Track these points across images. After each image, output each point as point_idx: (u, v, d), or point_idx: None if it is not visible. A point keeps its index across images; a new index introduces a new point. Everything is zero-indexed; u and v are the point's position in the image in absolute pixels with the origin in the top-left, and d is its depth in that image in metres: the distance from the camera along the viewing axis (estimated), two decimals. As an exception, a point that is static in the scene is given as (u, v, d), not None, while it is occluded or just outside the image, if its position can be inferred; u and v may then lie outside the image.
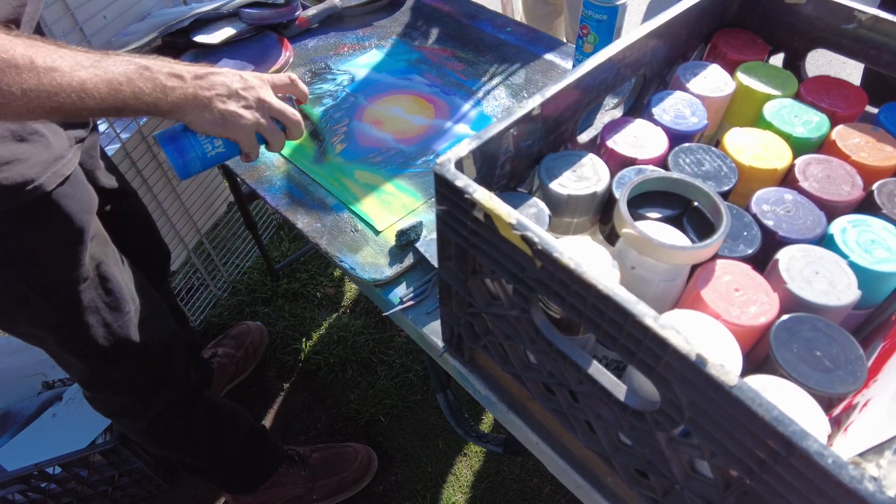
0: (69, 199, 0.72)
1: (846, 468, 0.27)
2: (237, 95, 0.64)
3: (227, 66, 0.96)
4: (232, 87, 0.63)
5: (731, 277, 0.43)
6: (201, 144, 0.65)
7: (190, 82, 0.61)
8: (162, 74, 0.59)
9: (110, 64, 0.55)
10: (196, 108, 0.61)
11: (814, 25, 0.62)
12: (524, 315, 0.43)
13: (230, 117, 0.63)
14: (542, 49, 1.01)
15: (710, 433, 0.33)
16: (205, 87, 0.61)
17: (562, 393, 0.47)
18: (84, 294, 0.77)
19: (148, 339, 0.87)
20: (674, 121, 0.56)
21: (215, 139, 0.65)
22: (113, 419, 0.99)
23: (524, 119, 0.46)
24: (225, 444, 1.06)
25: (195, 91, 0.61)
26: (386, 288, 0.68)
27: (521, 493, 1.25)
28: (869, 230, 0.46)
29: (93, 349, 0.81)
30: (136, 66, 0.57)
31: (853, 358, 0.39)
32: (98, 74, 0.54)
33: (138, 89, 0.57)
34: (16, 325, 0.79)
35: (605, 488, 0.50)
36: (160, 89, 0.58)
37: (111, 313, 0.81)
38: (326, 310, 1.58)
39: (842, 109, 0.58)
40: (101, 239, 0.80)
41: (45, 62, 0.51)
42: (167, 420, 0.95)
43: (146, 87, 0.57)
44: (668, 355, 0.32)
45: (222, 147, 0.66)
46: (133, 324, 0.85)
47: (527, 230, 0.37)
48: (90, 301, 0.78)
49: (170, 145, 0.64)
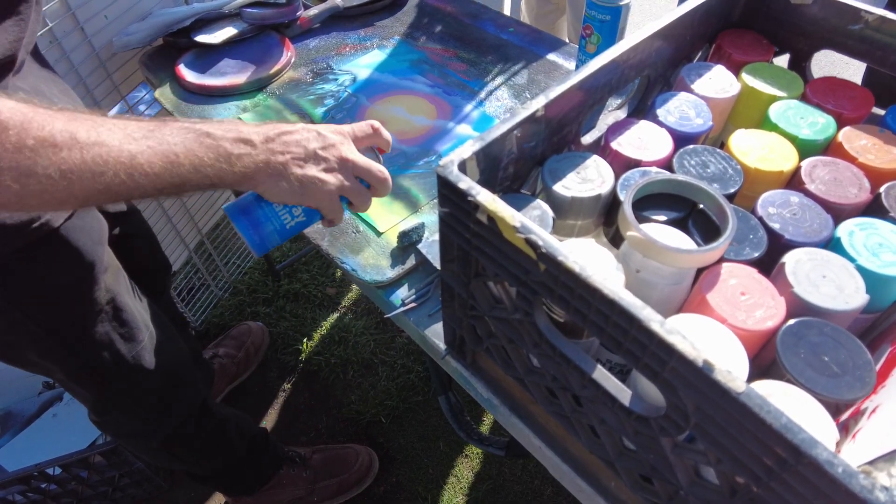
0: (79, 233, 0.70)
1: (856, 477, 0.27)
2: (316, 157, 0.54)
3: (228, 66, 0.96)
4: (309, 147, 0.54)
5: (737, 281, 0.43)
6: (278, 216, 0.57)
7: (260, 147, 0.52)
8: (227, 141, 0.51)
9: (166, 133, 0.48)
10: (270, 176, 0.53)
11: (820, 26, 0.61)
12: (527, 318, 0.42)
13: (310, 184, 0.54)
14: (544, 49, 1.00)
15: (716, 439, 0.33)
16: (278, 150, 0.53)
17: (565, 397, 0.46)
18: (98, 328, 0.75)
19: (161, 364, 0.85)
20: (678, 122, 0.56)
21: (294, 207, 0.57)
22: (122, 441, 0.98)
23: (528, 120, 0.46)
24: (232, 453, 1.06)
25: (267, 157, 0.52)
26: (387, 290, 0.68)
27: (522, 494, 1.24)
28: (877, 233, 0.45)
29: (104, 380, 0.79)
30: (196, 134, 0.50)
31: (861, 363, 0.38)
32: (151, 146, 0.47)
33: (198, 160, 0.49)
34: (23, 358, 0.76)
35: (609, 493, 0.50)
36: (224, 158, 0.50)
37: (125, 344, 0.80)
38: (328, 310, 1.57)
39: (848, 111, 0.57)
40: (113, 269, 0.78)
41: (90, 136, 0.44)
42: (178, 437, 0.94)
43: (208, 158, 0.50)
44: (675, 361, 0.32)
45: (302, 216, 0.58)
46: (147, 352, 0.83)
47: (531, 233, 0.36)
48: (103, 334, 0.76)
49: (242, 220, 0.56)
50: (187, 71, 0.95)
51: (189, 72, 0.95)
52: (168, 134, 0.48)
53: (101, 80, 1.04)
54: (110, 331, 0.77)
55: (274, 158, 0.53)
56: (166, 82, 0.97)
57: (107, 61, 1.03)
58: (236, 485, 1.13)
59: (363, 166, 0.56)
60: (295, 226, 0.58)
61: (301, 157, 0.54)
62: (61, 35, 0.93)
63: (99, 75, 1.03)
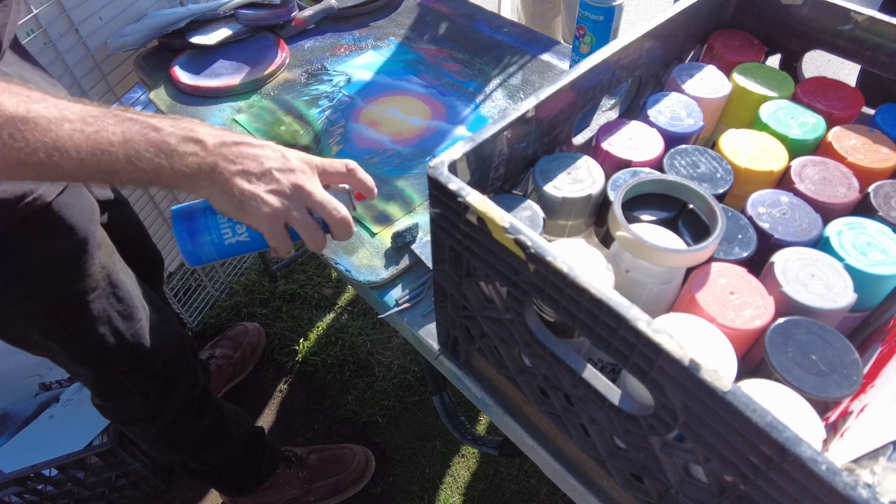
0: (71, 209, 0.71)
1: (840, 475, 0.27)
2: (268, 175, 0.51)
3: (223, 67, 0.96)
4: (265, 165, 0.52)
5: (726, 280, 0.43)
6: (220, 228, 0.54)
7: (211, 149, 0.50)
8: (174, 137, 0.49)
9: (108, 121, 0.47)
10: (213, 182, 0.50)
11: (810, 26, 0.62)
12: (518, 318, 0.43)
13: (251, 200, 0.51)
14: (539, 50, 1.00)
15: (704, 438, 0.33)
16: (230, 157, 0.51)
17: (556, 396, 0.46)
18: (95, 304, 0.76)
19: (160, 346, 0.86)
20: (669, 122, 0.56)
21: (238, 225, 0.55)
22: (124, 427, 0.99)
23: (518, 121, 0.46)
24: (231, 447, 1.07)
25: (215, 161, 0.50)
26: (381, 290, 0.68)
27: (518, 493, 1.25)
28: (865, 232, 0.46)
29: (105, 359, 0.80)
30: (142, 126, 0.48)
31: (848, 362, 0.38)
32: (83, 130, 0.45)
33: (135, 152, 0.47)
34: (24, 339, 0.77)
35: (601, 491, 0.50)
36: (166, 154, 0.48)
37: (123, 322, 0.80)
38: (324, 311, 1.57)
39: (838, 111, 0.57)
40: (107, 248, 0.79)
41: (17, 109, 0.43)
42: (178, 425, 0.95)
43: (147, 151, 0.48)
44: (662, 360, 0.32)
45: (246, 236, 0.55)
46: (145, 331, 0.84)
47: (520, 234, 0.36)
48: (101, 311, 0.77)
49: (182, 224, 0.54)
50: (182, 72, 0.95)
51: (184, 73, 0.95)
52: (111, 122, 0.47)
53: (97, 81, 1.04)
54: (108, 307, 0.77)
55: (223, 164, 0.50)
56: (161, 84, 0.97)
57: (102, 63, 1.03)
58: (233, 483, 1.14)
59: (318, 200, 0.53)
60: (235, 244, 0.55)
61: (254, 171, 0.51)
62: (56, 37, 0.93)
63: (94, 77, 1.03)
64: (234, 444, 1.07)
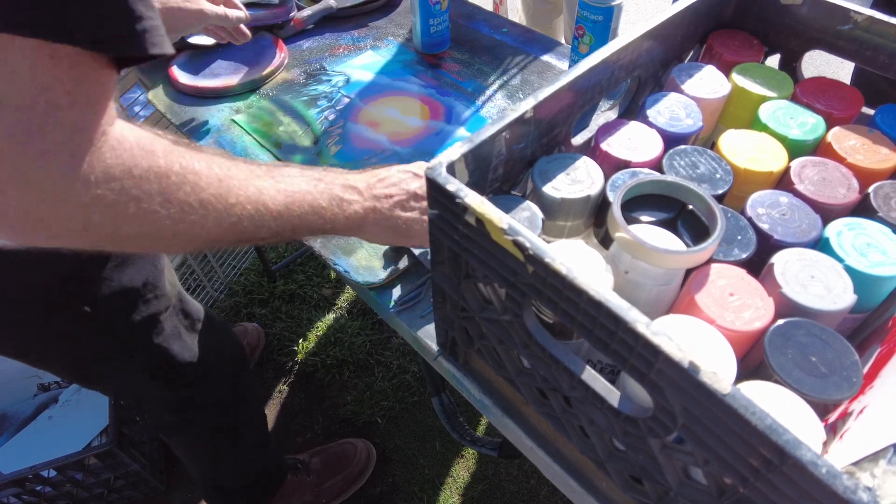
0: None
1: (840, 478, 0.27)
2: (416, 197, 0.56)
3: (221, 68, 0.96)
4: (407, 188, 0.56)
5: (725, 282, 0.43)
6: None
7: (366, 193, 0.53)
8: (337, 186, 0.51)
9: (284, 173, 0.48)
10: (376, 224, 0.54)
11: (810, 26, 0.61)
12: (517, 320, 0.42)
13: (414, 225, 0.56)
14: (538, 50, 1.00)
15: (703, 440, 0.33)
16: (381, 196, 0.54)
17: (555, 398, 0.46)
18: (166, 322, 0.76)
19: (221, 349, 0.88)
20: (668, 123, 0.56)
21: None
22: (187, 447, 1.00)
23: (517, 122, 0.46)
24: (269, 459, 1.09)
25: (373, 204, 0.54)
26: (380, 291, 0.68)
27: (518, 494, 1.25)
28: (864, 233, 0.46)
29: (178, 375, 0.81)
30: (309, 177, 0.50)
31: (848, 363, 0.38)
32: (274, 185, 0.46)
33: (316, 203, 0.49)
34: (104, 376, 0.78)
35: (600, 493, 0.50)
36: (337, 203, 0.50)
37: (190, 334, 0.82)
38: (323, 311, 1.57)
39: (837, 111, 0.57)
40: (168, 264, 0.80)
41: (222, 169, 0.43)
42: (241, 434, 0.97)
43: (324, 201, 0.49)
44: (661, 362, 0.32)
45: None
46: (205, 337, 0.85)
47: (518, 235, 0.36)
48: (173, 328, 0.77)
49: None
50: (180, 72, 0.95)
51: (182, 73, 0.95)
52: (286, 174, 0.48)
53: (95, 81, 1.03)
54: (178, 324, 0.78)
55: (379, 205, 0.54)
56: (159, 84, 0.97)
57: (100, 63, 1.03)
58: (251, 496, 1.13)
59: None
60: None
61: (402, 199, 0.55)
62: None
63: (92, 77, 1.03)
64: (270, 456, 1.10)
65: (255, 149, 0.84)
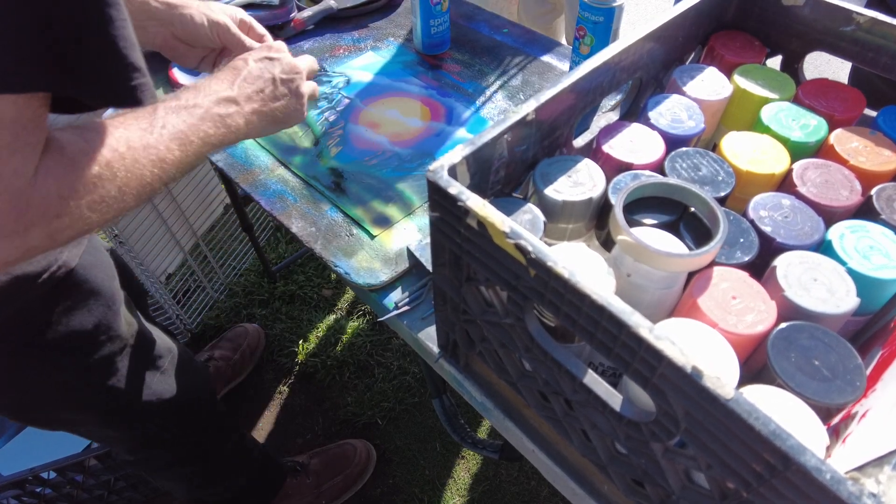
0: (94, 269, 0.68)
1: (844, 483, 0.26)
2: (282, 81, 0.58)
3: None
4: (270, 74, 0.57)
5: (728, 285, 0.43)
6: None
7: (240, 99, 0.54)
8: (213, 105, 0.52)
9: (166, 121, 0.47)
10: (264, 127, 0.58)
11: (811, 28, 0.61)
12: (519, 323, 0.42)
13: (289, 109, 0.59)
14: (539, 50, 1.00)
15: (706, 445, 0.33)
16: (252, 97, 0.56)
17: (557, 401, 0.46)
18: (121, 363, 0.74)
19: (186, 386, 0.85)
20: (670, 125, 0.56)
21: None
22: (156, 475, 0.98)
23: (518, 124, 0.46)
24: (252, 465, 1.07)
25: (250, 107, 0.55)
26: (381, 293, 0.68)
27: (518, 495, 1.24)
28: (867, 236, 0.46)
29: (137, 416, 0.79)
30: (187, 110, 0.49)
31: (852, 367, 0.38)
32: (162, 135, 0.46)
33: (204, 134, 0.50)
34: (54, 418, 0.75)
35: (602, 497, 0.50)
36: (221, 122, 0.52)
37: (150, 374, 0.79)
38: (324, 312, 1.57)
39: (839, 113, 0.57)
40: (128, 300, 0.77)
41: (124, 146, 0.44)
42: (211, 461, 0.95)
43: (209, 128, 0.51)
44: (664, 367, 0.32)
45: None
46: (169, 375, 0.83)
47: (520, 238, 0.36)
48: (132, 369, 0.75)
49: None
50: (180, 73, 0.94)
51: (182, 74, 0.94)
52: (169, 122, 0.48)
53: (94, 82, 1.03)
54: (136, 363, 0.76)
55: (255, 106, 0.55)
56: (160, 85, 0.96)
57: (100, 64, 1.03)
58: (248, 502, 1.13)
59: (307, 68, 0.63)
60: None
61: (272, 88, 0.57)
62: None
63: (92, 78, 1.03)
64: (253, 462, 1.07)
65: (254, 149, 0.84)
